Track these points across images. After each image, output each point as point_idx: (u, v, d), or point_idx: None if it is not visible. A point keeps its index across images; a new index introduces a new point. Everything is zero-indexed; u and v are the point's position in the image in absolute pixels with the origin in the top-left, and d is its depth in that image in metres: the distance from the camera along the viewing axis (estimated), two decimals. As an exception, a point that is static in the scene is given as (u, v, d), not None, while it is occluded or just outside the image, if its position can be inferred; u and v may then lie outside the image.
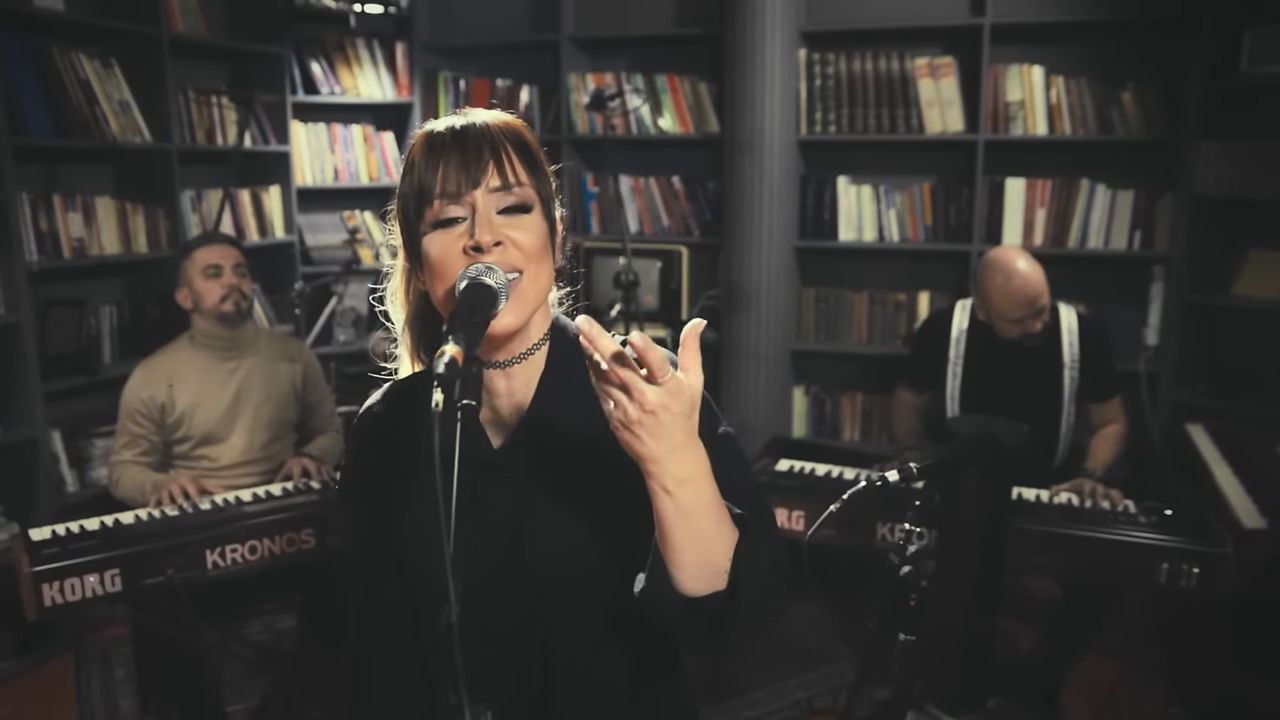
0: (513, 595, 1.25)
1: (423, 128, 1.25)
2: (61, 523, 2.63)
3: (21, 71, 3.58)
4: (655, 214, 4.74)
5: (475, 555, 1.24)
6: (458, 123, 1.23)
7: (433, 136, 1.22)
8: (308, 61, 4.81)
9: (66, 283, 3.89)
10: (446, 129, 1.22)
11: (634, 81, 4.61)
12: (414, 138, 1.25)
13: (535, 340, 1.28)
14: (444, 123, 1.24)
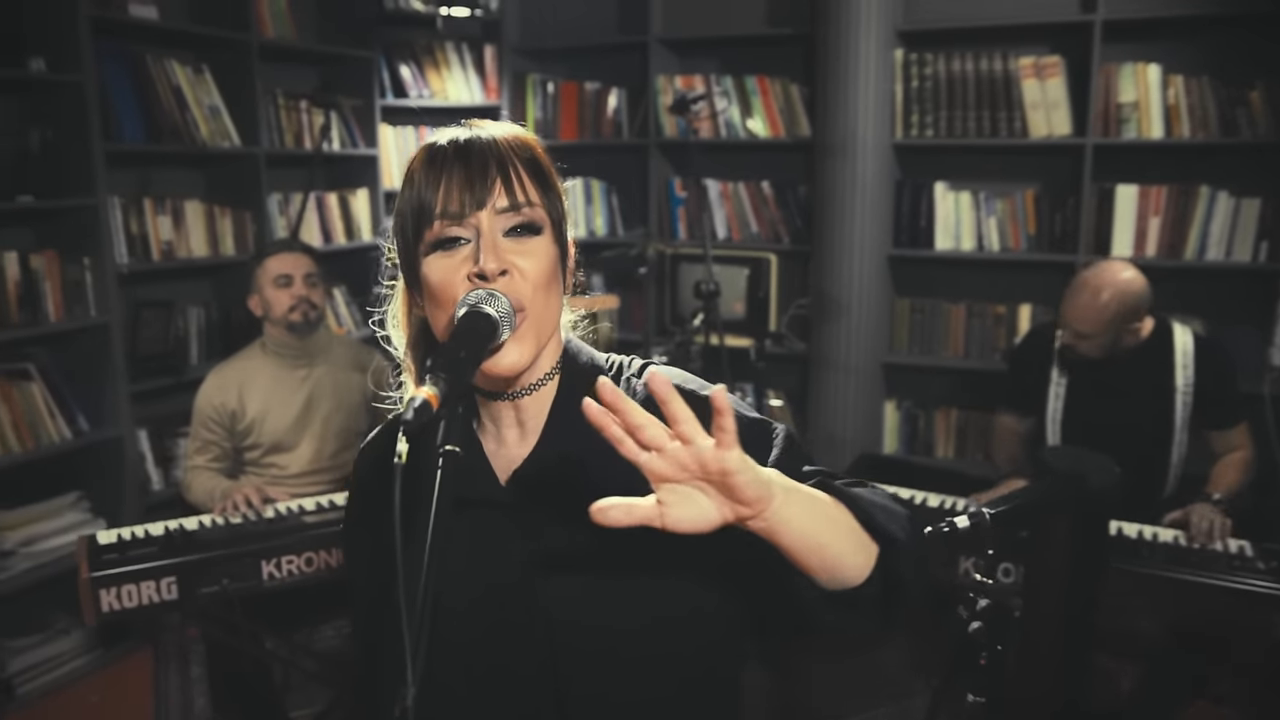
0: (524, 639, 1.14)
1: (425, 140, 1.15)
2: (143, 523, 2.67)
3: (116, 79, 3.64)
4: (744, 220, 4.60)
5: (483, 598, 1.15)
6: (462, 135, 1.12)
7: (434, 150, 1.11)
8: (397, 65, 4.81)
9: (155, 285, 3.96)
10: (450, 142, 1.11)
11: (723, 83, 4.48)
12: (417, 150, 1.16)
13: (546, 370, 1.18)
14: (448, 134, 1.13)
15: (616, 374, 1.23)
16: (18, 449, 3.35)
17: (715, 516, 0.92)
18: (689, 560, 1.13)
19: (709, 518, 0.92)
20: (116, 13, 3.57)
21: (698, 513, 0.92)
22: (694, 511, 0.92)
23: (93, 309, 3.55)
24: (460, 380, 0.95)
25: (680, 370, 1.24)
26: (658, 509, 0.91)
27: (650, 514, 0.91)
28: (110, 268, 3.56)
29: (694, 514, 0.92)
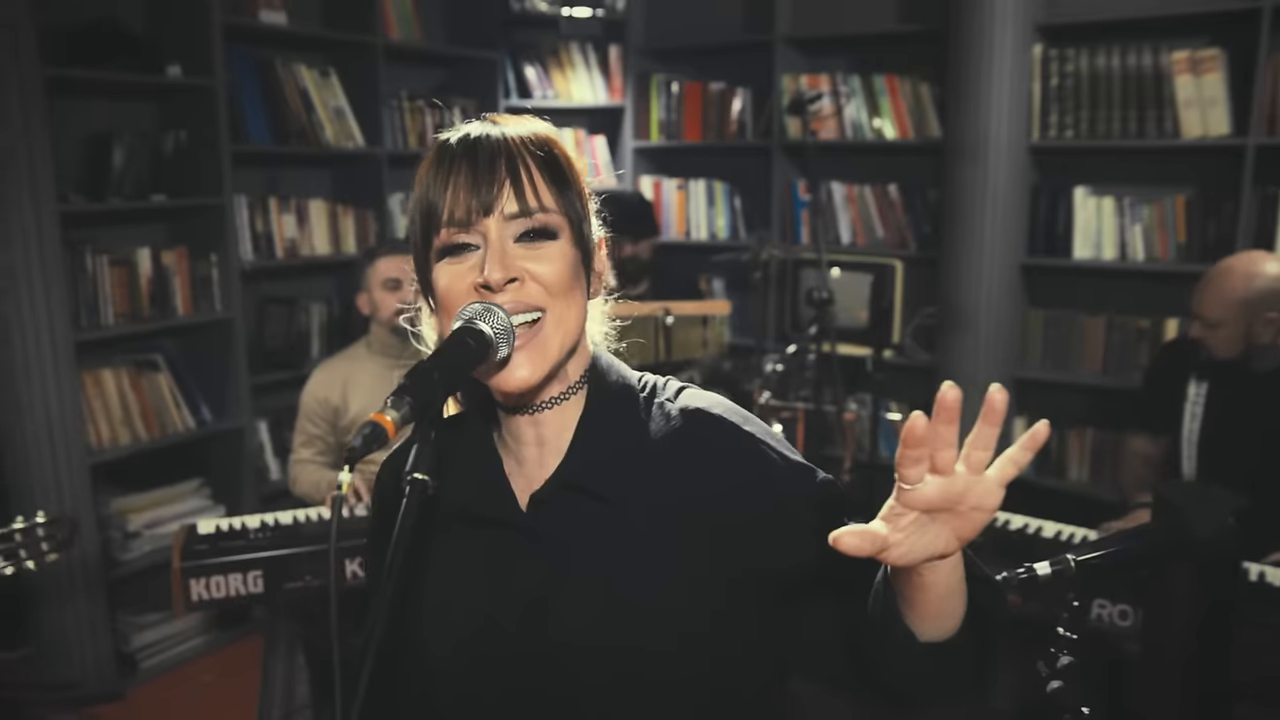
0: (534, 672, 1.07)
1: (438, 137, 1.08)
2: (260, 512, 2.76)
3: (245, 82, 3.78)
4: (869, 225, 4.42)
5: (497, 622, 1.09)
6: (473, 133, 1.05)
7: (442, 149, 1.05)
8: (522, 66, 4.83)
9: (278, 281, 4.09)
10: (459, 140, 1.05)
11: (849, 83, 4.32)
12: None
13: (572, 382, 1.10)
14: (460, 131, 1.06)
15: (650, 395, 1.14)
16: (145, 437, 3.51)
17: (938, 549, 0.83)
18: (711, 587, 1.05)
19: (932, 550, 0.83)
20: (248, 20, 3.70)
21: (925, 544, 0.83)
22: (923, 542, 0.83)
23: (218, 304, 3.69)
24: (430, 404, 0.89)
25: (724, 399, 1.15)
26: (888, 539, 0.82)
27: (881, 543, 0.82)
28: (235, 264, 3.70)
29: (922, 545, 0.83)
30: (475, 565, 1.12)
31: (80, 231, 3.39)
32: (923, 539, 0.83)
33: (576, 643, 1.05)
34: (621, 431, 1.10)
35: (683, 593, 1.05)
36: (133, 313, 3.48)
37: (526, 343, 1.02)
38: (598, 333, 1.18)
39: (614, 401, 1.12)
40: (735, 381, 4.18)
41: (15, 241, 3.08)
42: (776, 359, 4.03)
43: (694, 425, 1.09)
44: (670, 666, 1.05)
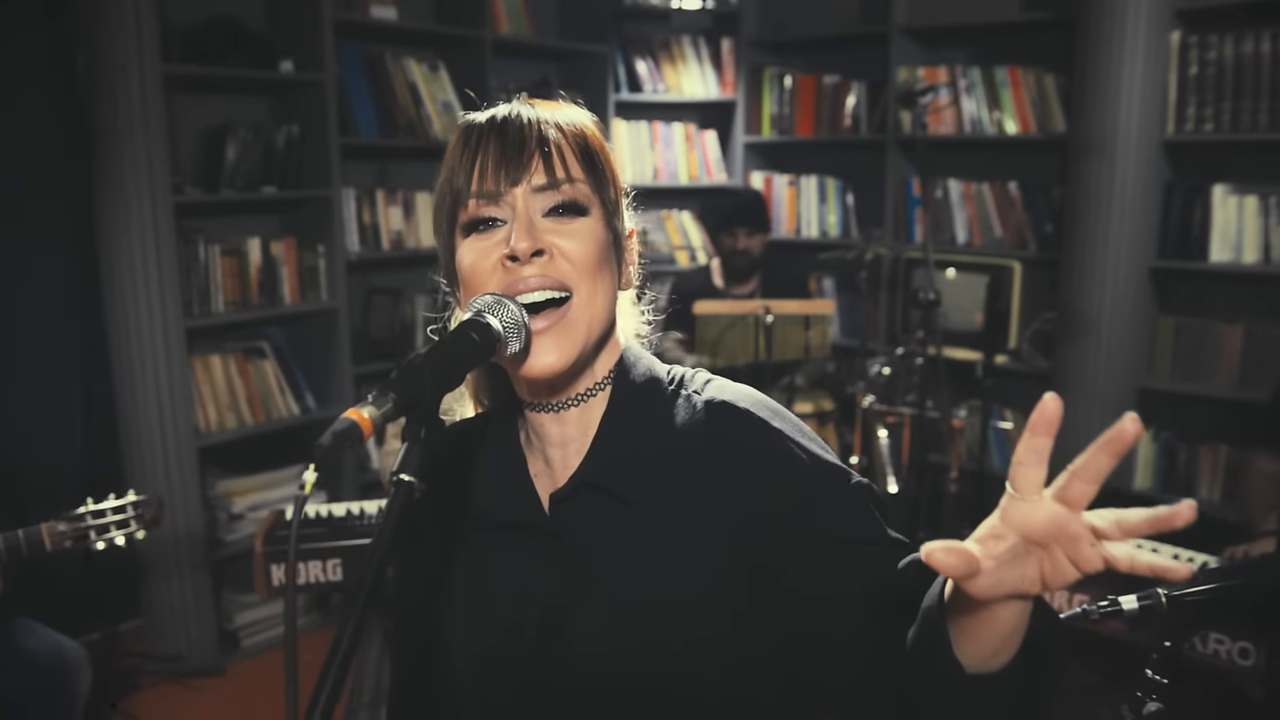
0: (554, 675, 1.03)
1: (465, 116, 1.04)
2: (360, 499, 2.81)
3: (355, 77, 3.85)
4: (986, 224, 4.22)
5: (518, 628, 1.04)
6: (502, 111, 1.01)
7: (471, 127, 1.01)
8: (633, 59, 4.79)
9: (383, 273, 4.15)
10: (488, 118, 1.01)
11: (969, 75, 4.12)
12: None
13: (599, 379, 1.05)
14: (488, 112, 1.02)
15: (677, 387, 1.07)
16: (250, 422, 3.62)
17: (1023, 588, 0.73)
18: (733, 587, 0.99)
19: (1018, 587, 0.73)
20: (359, 15, 3.76)
21: (1013, 579, 0.73)
22: (1012, 576, 0.73)
23: (324, 294, 3.77)
24: (416, 401, 0.83)
25: (753, 392, 1.07)
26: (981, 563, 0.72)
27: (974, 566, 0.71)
28: (342, 255, 3.77)
29: (1011, 580, 0.73)
30: (501, 569, 1.08)
31: (194, 222, 3.51)
32: (1012, 573, 0.72)
33: (596, 645, 1.00)
34: (645, 428, 1.04)
35: (704, 593, 0.99)
36: (242, 301, 3.59)
37: (553, 324, 0.96)
38: (630, 329, 1.13)
39: (639, 397, 1.05)
40: (839, 384, 4.05)
41: (133, 231, 3.20)
42: (883, 362, 3.89)
43: (719, 419, 1.03)
44: (690, 668, 0.99)
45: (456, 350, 0.88)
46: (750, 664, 1.02)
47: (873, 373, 3.85)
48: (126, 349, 3.28)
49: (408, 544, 1.19)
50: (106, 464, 3.39)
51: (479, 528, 1.10)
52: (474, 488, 1.10)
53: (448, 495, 1.13)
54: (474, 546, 1.10)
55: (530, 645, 1.03)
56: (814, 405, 3.89)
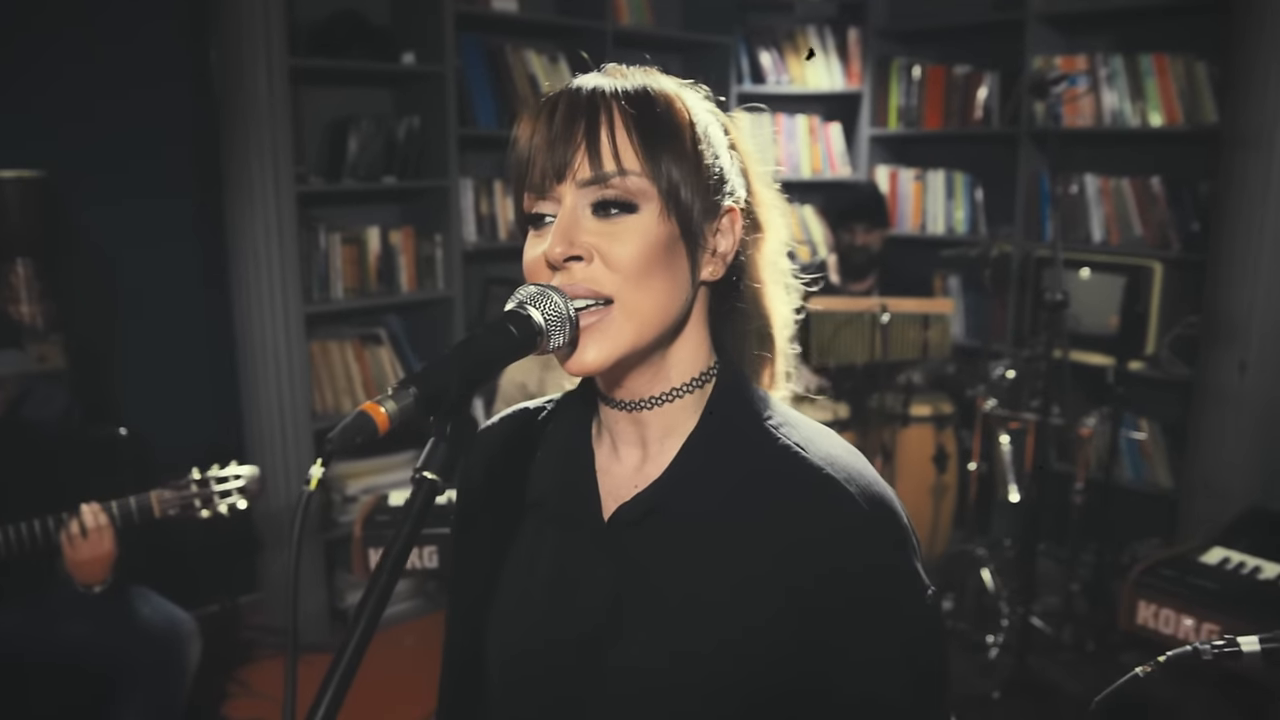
0: (586, 693, 0.97)
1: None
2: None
3: (475, 68, 3.90)
4: (1125, 221, 3.97)
5: (552, 638, 0.99)
6: (570, 85, 0.93)
7: (534, 106, 0.94)
8: (757, 51, 4.71)
9: (500, 263, 4.19)
10: (550, 95, 0.94)
11: (1111, 63, 3.89)
12: None
13: (680, 382, 0.97)
14: (561, 86, 0.95)
15: (778, 428, 0.97)
16: (365, 406, 3.70)
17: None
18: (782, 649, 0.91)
19: None
20: (480, 7, 3.80)
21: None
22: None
23: (440, 283, 3.83)
24: (441, 396, 0.79)
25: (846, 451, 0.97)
26: None
27: None
28: (458, 245, 3.82)
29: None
30: (544, 566, 1.02)
31: (316, 210, 3.61)
32: None
33: (633, 671, 0.94)
34: (733, 460, 0.95)
35: (753, 642, 0.91)
36: (360, 288, 3.68)
37: (594, 323, 0.89)
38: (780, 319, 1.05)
39: (733, 423, 0.97)
40: (959, 386, 3.89)
41: (259, 219, 3.32)
42: (1007, 364, 3.71)
43: (825, 495, 0.92)
44: (720, 707, 0.92)
45: (491, 343, 0.84)
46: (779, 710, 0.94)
47: (995, 375, 3.68)
48: (249, 331, 3.41)
49: (463, 529, 1.17)
50: (229, 442, 3.53)
51: (530, 517, 1.05)
52: (533, 474, 1.06)
53: (505, 478, 1.09)
54: (525, 534, 1.06)
55: (566, 659, 0.98)
56: (932, 407, 3.75)
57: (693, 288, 0.96)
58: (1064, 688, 3.26)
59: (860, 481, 0.93)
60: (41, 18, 3.16)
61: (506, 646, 1.04)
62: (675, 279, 0.93)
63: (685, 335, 0.97)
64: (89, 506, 2.22)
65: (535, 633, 1.01)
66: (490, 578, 1.08)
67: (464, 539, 1.15)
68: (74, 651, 2.44)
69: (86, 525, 2.20)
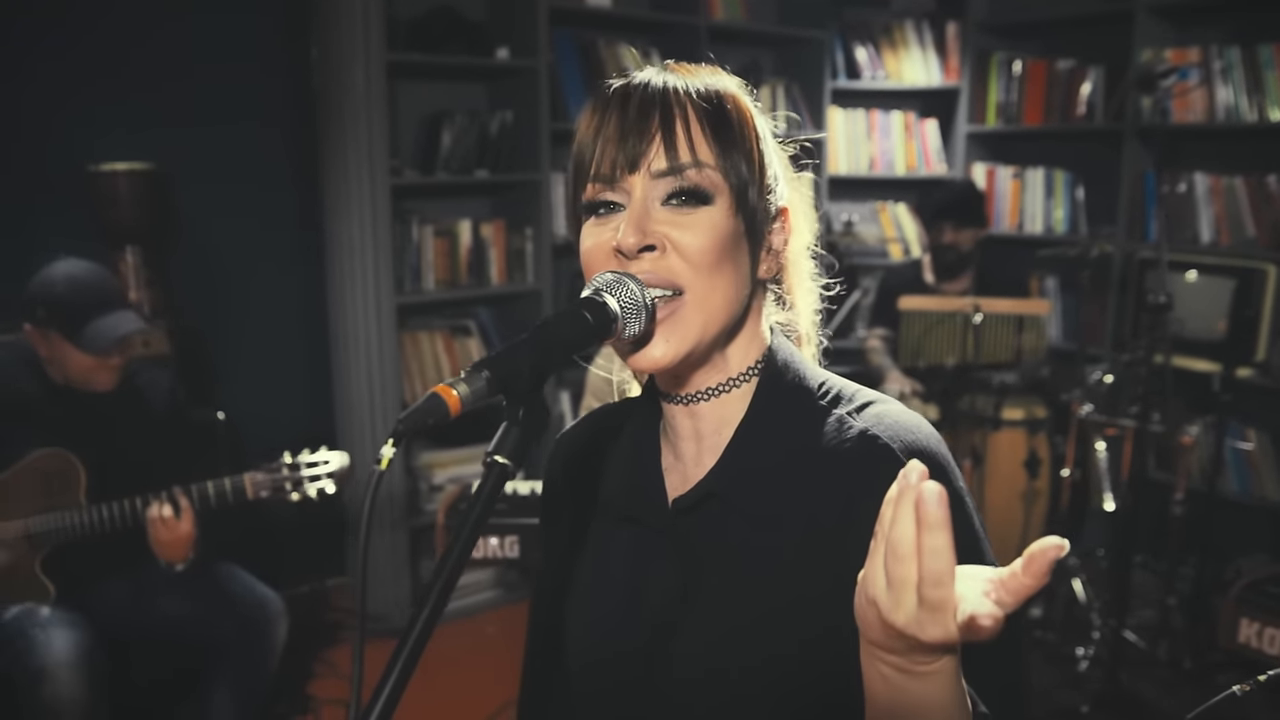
0: (649, 691, 0.98)
1: (601, 83, 0.98)
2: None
3: (568, 63, 3.92)
4: (1237, 222, 3.80)
5: (623, 631, 1.01)
6: (635, 79, 0.94)
7: (600, 96, 0.95)
8: (853, 45, 4.64)
9: (588, 258, 4.21)
10: (617, 87, 0.94)
11: (1226, 56, 3.72)
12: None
13: (737, 372, 0.98)
14: (622, 79, 0.95)
15: (831, 402, 0.97)
16: (453, 396, 3.76)
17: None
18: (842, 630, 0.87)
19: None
20: (573, 3, 3.83)
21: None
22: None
23: (530, 275, 3.87)
24: (514, 381, 0.79)
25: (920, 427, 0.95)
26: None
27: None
28: (548, 239, 3.85)
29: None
30: (619, 562, 1.04)
31: (409, 203, 3.68)
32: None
33: (700, 660, 0.95)
34: (784, 443, 0.95)
35: (814, 623, 0.91)
36: (451, 280, 3.74)
37: (663, 319, 0.90)
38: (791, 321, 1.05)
39: (783, 406, 0.97)
40: (1054, 390, 3.78)
41: (354, 211, 3.40)
42: (1105, 369, 3.59)
43: (868, 455, 0.92)
44: (788, 690, 0.92)
45: (565, 329, 0.84)
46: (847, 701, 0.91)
47: (1092, 380, 3.56)
48: (343, 321, 3.49)
49: (547, 527, 1.18)
50: (322, 428, 3.63)
51: (605, 515, 1.07)
52: (608, 473, 1.07)
53: (585, 481, 1.11)
54: (599, 534, 1.08)
55: (638, 645, 0.99)
56: (1025, 411, 3.64)
57: (752, 284, 0.97)
58: (1157, 705, 3.14)
59: (906, 438, 0.92)
60: (150, 12, 3.28)
61: (582, 639, 1.06)
62: (740, 275, 0.94)
63: (743, 331, 0.98)
64: (176, 490, 2.32)
65: (609, 626, 1.03)
66: (568, 573, 1.10)
67: (548, 536, 1.18)
68: (169, 626, 2.54)
69: (164, 511, 2.29)
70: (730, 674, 0.93)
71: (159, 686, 2.70)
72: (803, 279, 1.06)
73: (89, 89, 3.20)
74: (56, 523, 2.37)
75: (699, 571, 0.96)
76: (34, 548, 2.38)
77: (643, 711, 0.99)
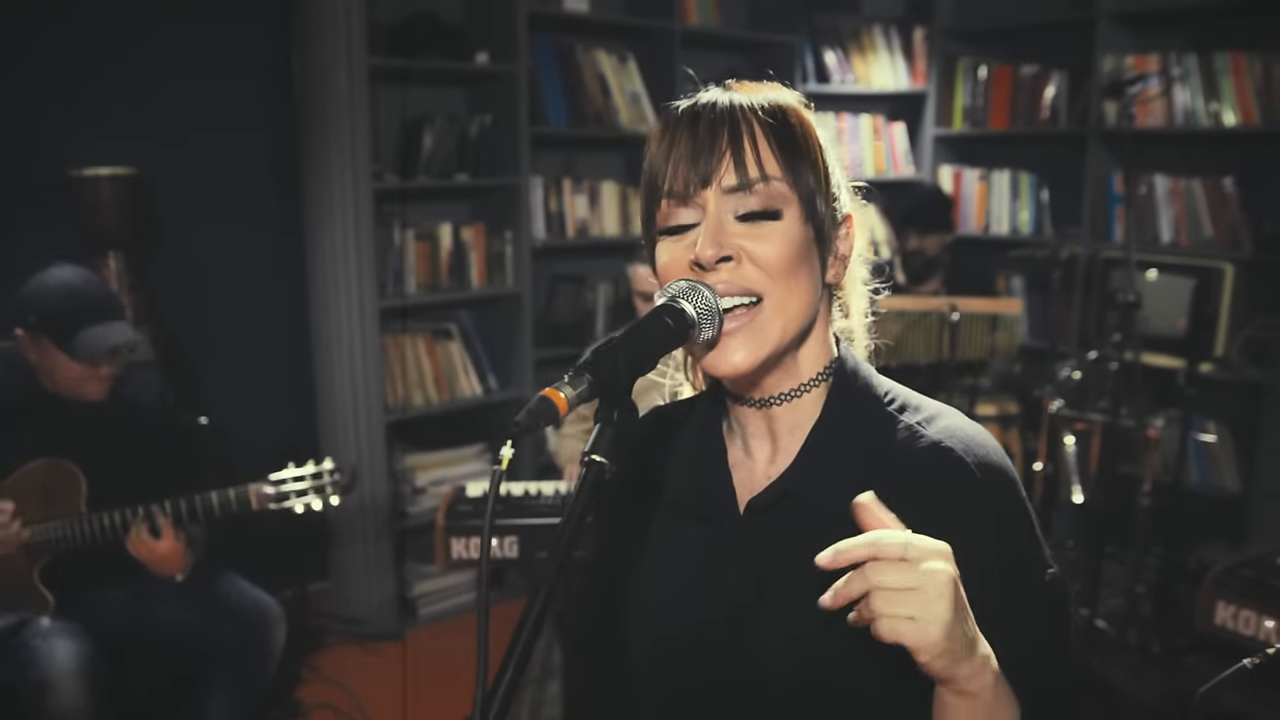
0: (732, 674, 1.03)
1: (668, 105, 1.03)
2: (537, 480, 2.88)
3: (547, 68, 3.95)
4: (1195, 222, 3.94)
5: (694, 625, 1.05)
6: (701, 99, 0.99)
7: (668, 116, 1.00)
8: (823, 50, 4.72)
9: (567, 260, 4.25)
10: (685, 108, 0.99)
11: (1184, 63, 3.85)
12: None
13: (808, 377, 1.03)
14: (689, 99, 1.01)
15: (899, 410, 1.03)
16: (435, 400, 3.78)
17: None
18: None
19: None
20: (552, 8, 3.85)
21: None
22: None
23: (510, 279, 3.89)
24: (611, 384, 0.85)
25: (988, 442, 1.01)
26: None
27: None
28: (528, 242, 3.88)
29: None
30: (686, 559, 1.08)
31: (390, 207, 3.69)
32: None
33: (777, 652, 1.00)
34: (857, 445, 1.01)
35: None
36: (432, 284, 3.75)
37: (743, 325, 0.95)
38: (847, 327, 1.10)
39: (854, 411, 1.02)
40: (1026, 387, 3.88)
41: (336, 215, 3.40)
42: (1074, 365, 3.70)
43: (943, 467, 0.98)
44: (864, 691, 0.98)
45: (650, 334, 0.89)
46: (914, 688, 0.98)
47: (1062, 376, 3.67)
48: (325, 325, 3.49)
49: (602, 527, 1.22)
50: (304, 433, 3.62)
51: (670, 513, 1.11)
52: (670, 471, 1.11)
53: (644, 477, 1.15)
54: (664, 531, 1.11)
55: (714, 641, 1.03)
56: (998, 408, 3.74)
57: (823, 289, 1.02)
58: (1127, 690, 3.25)
59: (979, 452, 0.99)
60: (132, 19, 3.26)
61: (650, 634, 1.10)
62: (812, 281, 0.99)
63: (813, 335, 1.03)
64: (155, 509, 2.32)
65: (680, 620, 1.06)
66: (630, 570, 1.13)
67: (603, 530, 1.21)
68: (168, 633, 2.54)
69: (141, 534, 2.30)
70: (806, 666, 0.98)
71: (156, 694, 2.69)
72: (856, 284, 1.10)
73: (72, 95, 3.17)
74: (55, 532, 2.36)
75: (772, 569, 1.01)
76: (32, 557, 2.37)
77: (727, 702, 1.03)
